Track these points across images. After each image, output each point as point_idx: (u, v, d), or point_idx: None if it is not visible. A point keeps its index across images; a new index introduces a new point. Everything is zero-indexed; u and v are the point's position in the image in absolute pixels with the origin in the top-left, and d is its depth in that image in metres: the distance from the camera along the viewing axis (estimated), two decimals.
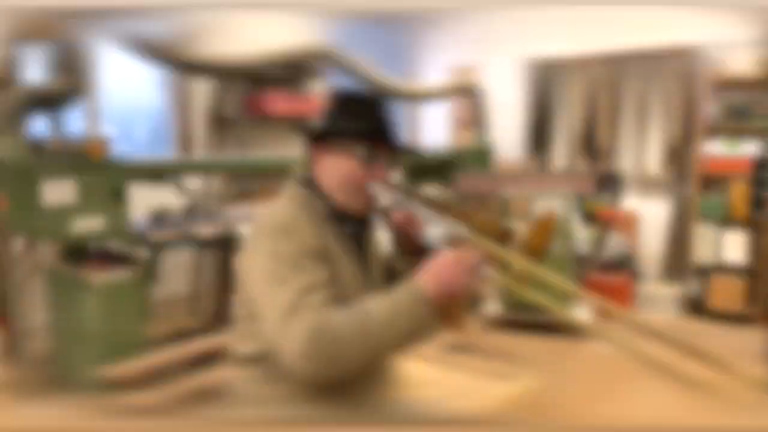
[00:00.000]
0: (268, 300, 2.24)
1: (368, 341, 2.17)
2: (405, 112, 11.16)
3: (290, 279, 2.22)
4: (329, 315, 2.17)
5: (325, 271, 2.31)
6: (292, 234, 2.31)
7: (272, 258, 2.27)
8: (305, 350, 2.10)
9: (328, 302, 2.24)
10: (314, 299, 2.20)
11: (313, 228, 2.38)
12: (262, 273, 2.28)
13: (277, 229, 2.33)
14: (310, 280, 2.23)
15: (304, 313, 2.15)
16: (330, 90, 2.61)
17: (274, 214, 2.40)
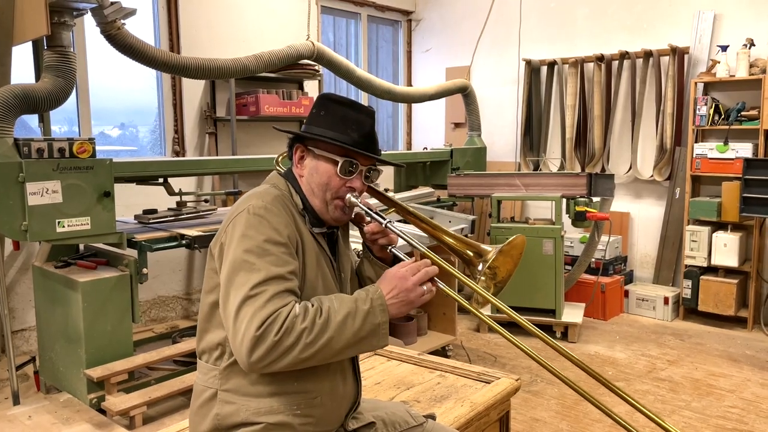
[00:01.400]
0: (232, 285, 2.26)
1: (320, 339, 2.19)
2: (399, 112, 11.18)
3: (256, 267, 2.24)
4: (287, 306, 2.19)
5: (292, 263, 2.32)
6: (266, 222, 2.31)
7: (242, 244, 2.29)
8: (256, 337, 2.13)
9: (292, 293, 2.26)
10: (277, 288, 2.21)
11: (288, 219, 2.38)
12: (231, 258, 2.30)
13: (252, 215, 2.33)
14: (276, 270, 2.25)
15: (262, 301, 2.18)
16: (320, 93, 2.59)
17: (251, 200, 2.40)
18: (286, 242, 2.31)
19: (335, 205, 2.48)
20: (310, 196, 2.50)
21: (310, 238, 2.46)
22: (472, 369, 3.76)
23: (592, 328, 7.59)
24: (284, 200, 2.43)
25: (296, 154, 2.55)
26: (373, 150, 2.48)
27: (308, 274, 2.40)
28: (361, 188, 2.48)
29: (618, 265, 8.33)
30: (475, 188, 7.76)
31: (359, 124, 2.46)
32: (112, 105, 7.56)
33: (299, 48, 6.74)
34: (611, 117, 8.65)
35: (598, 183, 7.20)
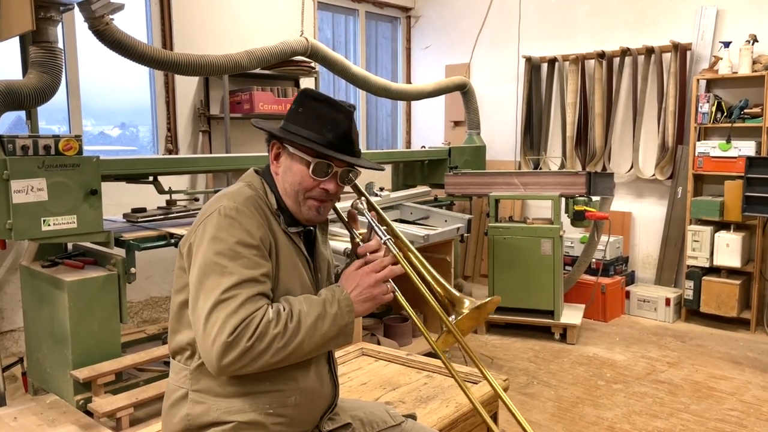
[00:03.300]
0: (202, 288, 2.25)
1: (292, 343, 2.21)
2: (398, 110, 11.18)
3: (228, 270, 2.23)
4: (260, 311, 2.19)
5: (265, 265, 2.31)
6: (237, 224, 2.30)
7: (213, 246, 2.28)
8: (227, 343, 2.13)
9: (264, 297, 2.26)
10: (249, 292, 2.21)
11: (261, 220, 2.37)
12: (202, 260, 2.29)
13: (223, 217, 2.32)
14: (248, 273, 2.24)
15: (234, 305, 2.17)
16: (301, 89, 2.57)
17: (222, 201, 2.39)
18: (258, 244, 2.31)
19: (309, 206, 2.47)
20: (284, 195, 2.50)
21: (285, 239, 2.45)
22: (460, 369, 3.75)
23: (592, 330, 7.57)
24: (257, 200, 2.42)
25: (272, 151, 2.55)
26: (349, 151, 2.46)
27: (283, 276, 2.40)
28: (335, 190, 2.47)
29: (619, 265, 8.31)
30: (473, 187, 7.75)
31: (335, 123, 2.44)
32: (112, 104, 7.57)
33: (292, 44, 6.73)
34: (612, 115, 8.63)
35: (598, 182, 7.19)
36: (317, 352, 2.33)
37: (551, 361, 6.61)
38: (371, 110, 10.84)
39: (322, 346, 2.31)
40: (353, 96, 10.43)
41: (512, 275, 7.21)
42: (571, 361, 6.58)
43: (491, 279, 7.30)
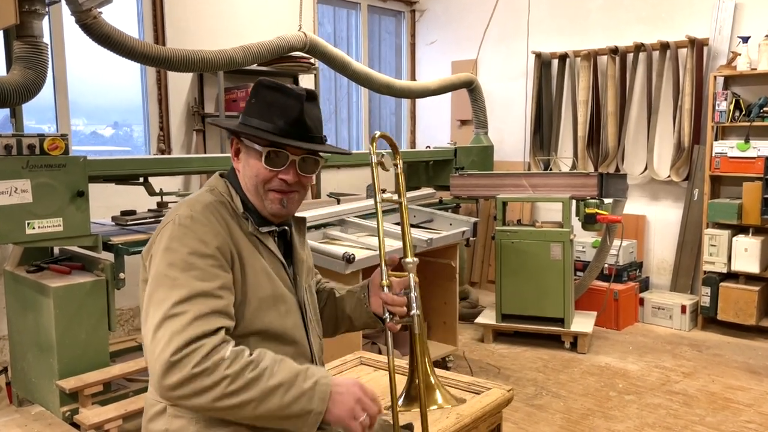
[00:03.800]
0: (152, 301, 2.22)
1: (240, 395, 2.12)
2: (402, 108, 11.17)
3: (179, 282, 2.21)
4: (213, 338, 2.15)
5: (222, 276, 2.29)
6: (191, 233, 2.28)
7: (166, 257, 2.26)
8: (171, 362, 2.09)
9: (220, 315, 2.23)
10: (200, 309, 2.18)
11: (220, 227, 2.36)
12: (154, 272, 2.27)
13: (177, 226, 2.31)
14: (201, 286, 2.22)
15: (182, 322, 2.14)
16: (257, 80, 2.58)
17: (179, 209, 2.38)
18: (214, 254, 2.29)
19: (271, 199, 2.48)
20: (247, 192, 2.51)
21: (253, 244, 2.46)
22: (462, 379, 3.73)
23: (604, 338, 7.55)
24: (218, 206, 2.42)
25: (232, 148, 2.56)
26: (302, 137, 2.45)
27: (250, 284, 2.39)
28: (294, 180, 2.46)
29: (633, 271, 8.29)
30: (480, 189, 7.75)
31: (286, 109, 2.44)
32: (104, 103, 7.57)
33: (290, 39, 6.72)
34: (626, 113, 8.61)
35: (610, 183, 7.18)
36: (269, 424, 2.21)
37: (561, 371, 6.59)
38: (374, 109, 10.83)
39: (277, 420, 2.19)
40: (355, 94, 10.43)
41: (520, 281, 7.19)
42: (582, 371, 6.57)
43: (498, 285, 7.28)
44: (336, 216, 6.37)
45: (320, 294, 2.98)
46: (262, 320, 2.40)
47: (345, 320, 2.90)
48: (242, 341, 2.31)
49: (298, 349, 2.52)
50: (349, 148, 10.44)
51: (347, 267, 5.21)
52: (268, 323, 2.42)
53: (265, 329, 2.41)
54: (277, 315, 2.45)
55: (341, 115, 10.37)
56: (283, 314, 2.48)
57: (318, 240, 5.94)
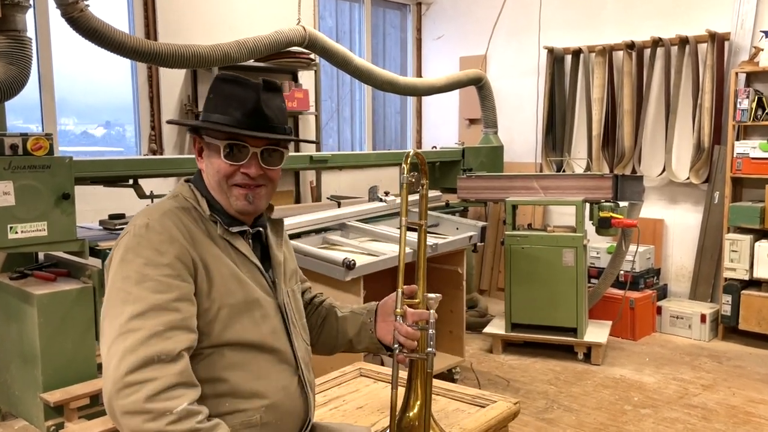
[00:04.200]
0: (106, 317, 2.23)
1: None
2: (408, 107, 11.16)
3: (132, 296, 2.21)
4: (163, 366, 2.13)
5: (180, 287, 2.27)
6: (145, 242, 2.28)
7: (120, 269, 2.26)
8: (124, 381, 2.09)
9: (179, 330, 2.21)
10: (155, 326, 2.17)
11: (179, 233, 2.35)
12: (108, 286, 2.28)
13: (132, 237, 2.31)
14: (155, 299, 2.21)
15: (135, 341, 2.13)
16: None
17: (137, 219, 2.38)
18: (171, 262, 2.27)
19: (236, 195, 2.47)
20: (213, 191, 2.51)
21: (224, 247, 2.45)
22: (467, 392, 3.72)
23: (620, 349, 7.53)
24: (178, 213, 2.42)
25: (195, 148, 2.57)
26: (261, 128, 2.45)
27: (220, 291, 2.38)
28: (257, 173, 2.46)
29: (650, 278, 8.27)
30: (488, 191, 7.73)
31: (242, 101, 2.44)
32: (95, 101, 7.56)
33: (288, 34, 6.70)
34: (643, 112, 8.59)
35: (626, 185, 7.15)
36: None
37: (573, 383, 6.57)
38: (378, 107, 10.83)
39: None
40: (358, 92, 10.42)
41: (531, 289, 7.17)
42: (596, 384, 6.54)
43: (508, 293, 7.26)
44: (336, 220, 6.36)
45: (317, 309, 2.99)
46: (234, 329, 2.38)
47: (345, 342, 2.91)
48: (215, 354, 2.32)
49: (280, 357, 2.51)
50: (352, 148, 10.45)
51: (347, 273, 5.19)
52: (242, 331, 2.40)
53: (238, 339, 2.39)
54: (251, 322, 2.43)
55: (344, 114, 10.36)
56: (259, 321, 2.46)
57: (317, 245, 5.92)
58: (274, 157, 2.49)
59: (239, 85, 2.46)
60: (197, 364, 2.28)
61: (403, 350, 2.62)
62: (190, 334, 2.24)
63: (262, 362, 2.41)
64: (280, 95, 2.54)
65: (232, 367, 2.36)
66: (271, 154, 2.48)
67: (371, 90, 10.19)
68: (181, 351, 2.18)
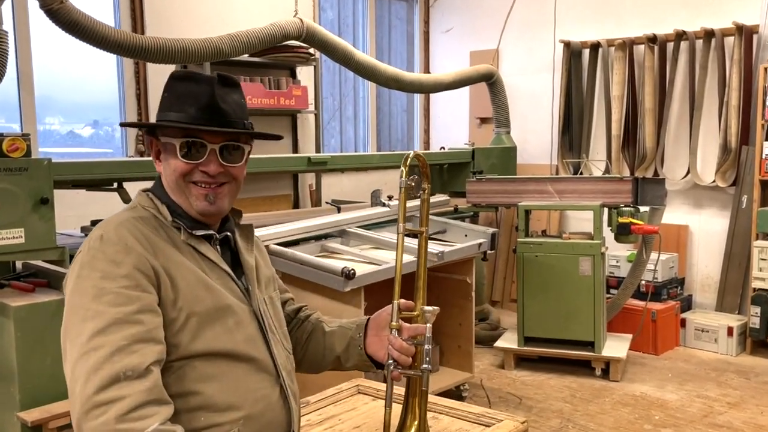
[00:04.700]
0: (67, 336, 2.23)
1: None
2: (415, 105, 11.15)
3: (91, 312, 2.19)
4: (129, 382, 2.11)
5: (141, 298, 2.25)
6: (100, 254, 2.28)
7: (77, 286, 2.25)
8: (94, 403, 2.07)
9: (146, 343, 2.20)
10: (118, 341, 2.15)
11: (137, 242, 2.33)
12: (66, 303, 2.27)
13: (86, 251, 2.31)
14: (114, 313, 2.19)
15: (99, 358, 2.12)
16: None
17: (94, 232, 2.38)
18: (129, 273, 2.26)
19: (195, 195, 2.47)
20: (173, 193, 2.51)
21: (189, 253, 2.45)
22: (471, 410, 3.69)
23: (640, 365, 7.50)
24: (135, 222, 2.41)
25: (152, 150, 2.57)
26: (216, 123, 2.45)
27: (186, 299, 2.36)
28: (216, 170, 2.46)
29: (673, 288, 8.24)
30: (500, 196, 7.71)
31: (196, 96, 2.44)
32: (82, 99, 7.55)
33: (284, 26, 6.69)
34: (666, 110, 8.57)
35: (646, 189, 7.13)
36: None
37: (590, 401, 6.55)
38: (383, 105, 10.82)
39: None
40: (362, 89, 10.41)
41: (545, 300, 7.15)
42: (614, 402, 6.52)
43: (520, 304, 7.25)
44: (335, 226, 6.35)
45: (303, 323, 2.98)
46: (205, 338, 2.37)
47: (332, 359, 2.89)
48: (186, 367, 2.31)
49: (257, 365, 2.50)
50: (355, 149, 10.43)
51: (347, 284, 5.17)
52: (213, 340, 2.39)
53: (210, 349, 2.38)
54: (223, 330, 2.42)
55: (346, 112, 10.35)
56: (232, 328, 2.45)
57: (315, 253, 5.91)
58: (234, 154, 2.50)
59: (193, 82, 2.47)
60: (168, 378, 2.26)
61: (397, 366, 2.60)
62: (157, 346, 2.22)
63: (237, 372, 2.40)
64: (237, 90, 2.55)
65: (206, 378, 2.35)
66: (231, 152, 2.49)
67: (375, 87, 10.17)
68: (149, 365, 2.17)
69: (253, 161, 2.77)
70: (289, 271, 5.47)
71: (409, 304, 2.69)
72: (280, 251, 5.54)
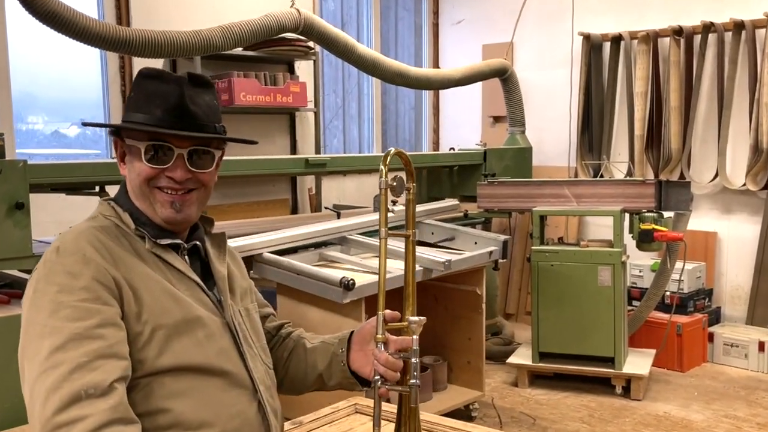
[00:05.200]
0: (25, 355, 2.22)
1: None
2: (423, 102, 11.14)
3: (48, 328, 2.18)
4: (90, 402, 2.09)
5: (101, 311, 2.24)
6: (58, 267, 2.26)
7: (34, 301, 2.24)
8: (55, 422, 2.05)
9: (108, 359, 2.18)
10: (77, 358, 2.14)
11: (97, 252, 2.32)
12: (23, 320, 2.26)
13: (43, 264, 2.30)
14: (72, 328, 2.17)
15: (58, 377, 2.10)
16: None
17: (55, 242, 2.37)
18: (88, 285, 2.25)
19: (160, 202, 2.46)
20: (137, 200, 2.51)
21: (154, 263, 2.44)
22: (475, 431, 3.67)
23: (665, 382, 7.48)
24: (95, 232, 2.40)
25: (117, 152, 2.56)
26: (186, 126, 2.44)
27: (152, 311, 2.35)
28: (183, 177, 2.45)
29: (700, 300, 8.21)
30: (513, 200, 7.68)
31: (164, 97, 2.44)
32: (67, 96, 7.53)
33: (280, 18, 6.68)
34: (692, 108, 8.54)
35: (671, 193, 7.11)
36: None
37: (610, 421, 6.53)
38: (389, 103, 10.82)
39: None
40: (367, 85, 10.39)
41: (562, 312, 7.13)
42: (635, 422, 6.50)
43: (535, 317, 7.23)
44: (335, 233, 6.33)
45: (284, 341, 2.97)
46: (173, 352, 2.35)
47: (315, 378, 2.87)
48: (154, 383, 2.29)
49: (232, 380, 2.48)
50: (360, 150, 10.42)
51: (345, 295, 5.14)
52: (182, 354, 2.37)
53: (179, 363, 2.36)
54: (193, 343, 2.40)
55: (350, 110, 10.34)
56: (203, 341, 2.43)
57: (312, 262, 5.90)
58: (204, 159, 2.50)
59: (162, 81, 2.46)
60: (134, 396, 2.25)
61: (385, 382, 2.58)
62: (120, 361, 2.21)
63: (210, 387, 2.39)
64: (210, 91, 2.55)
65: (175, 395, 2.33)
66: (200, 156, 2.48)
67: (381, 83, 10.15)
68: (113, 382, 2.15)
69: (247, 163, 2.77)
70: (284, 281, 5.46)
71: (395, 314, 2.65)
72: (274, 260, 5.53)
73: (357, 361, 2.74)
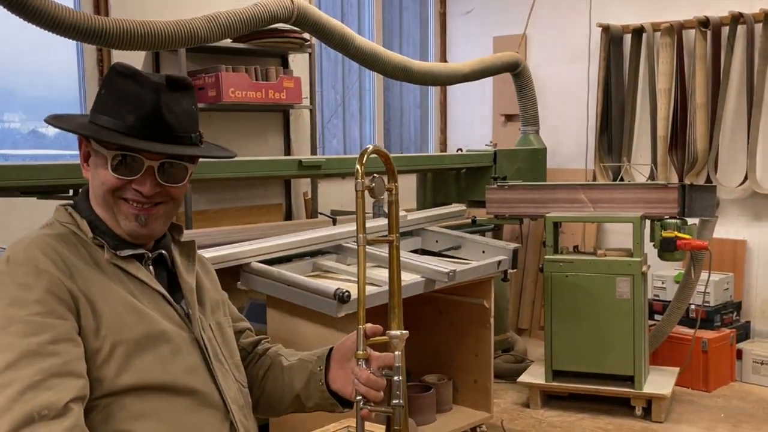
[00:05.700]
0: None
1: None
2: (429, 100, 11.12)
3: None
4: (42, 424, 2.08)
5: (54, 326, 2.21)
6: (8, 279, 2.25)
7: None
8: None
9: (62, 377, 2.15)
10: (30, 376, 2.11)
11: (51, 263, 2.30)
12: None
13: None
14: (23, 345, 2.16)
15: (8, 398, 2.08)
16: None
17: (6, 252, 2.35)
18: (40, 298, 2.22)
19: (124, 214, 2.44)
20: (98, 207, 2.48)
21: (114, 274, 2.42)
22: None
23: (689, 402, 7.45)
24: (50, 240, 2.37)
25: (81, 152, 2.53)
26: (159, 137, 2.42)
27: (111, 326, 2.33)
28: (151, 191, 2.42)
29: (727, 314, 8.16)
30: (524, 205, 7.65)
31: (138, 103, 2.40)
32: (46, 93, 7.52)
33: (271, 7, 6.62)
34: (720, 106, 8.51)
35: (695, 198, 7.06)
36: None
37: None
38: (393, 100, 10.79)
39: None
40: (368, 79, 10.36)
41: (577, 327, 7.09)
42: None
43: (548, 333, 7.19)
44: (330, 241, 6.27)
45: (260, 358, 2.94)
46: (135, 370, 2.33)
47: (292, 399, 2.84)
48: (114, 404, 2.27)
49: (201, 399, 2.46)
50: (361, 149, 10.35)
51: (341, 308, 5.08)
52: (145, 372, 2.35)
53: (141, 382, 2.34)
54: (157, 360, 2.38)
55: (350, 108, 10.30)
56: (168, 357, 2.41)
57: (306, 272, 5.85)
58: (176, 172, 2.48)
59: (137, 83, 2.42)
60: (93, 418, 2.23)
61: (367, 403, 2.53)
62: (76, 380, 2.18)
63: (176, 408, 2.36)
64: (189, 96, 2.52)
65: (138, 416, 2.31)
66: (172, 168, 2.46)
67: (384, 79, 10.11)
68: (68, 403, 2.12)
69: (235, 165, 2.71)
70: (274, 293, 5.41)
71: (376, 328, 2.59)
72: (263, 270, 5.48)
73: (337, 380, 2.70)
